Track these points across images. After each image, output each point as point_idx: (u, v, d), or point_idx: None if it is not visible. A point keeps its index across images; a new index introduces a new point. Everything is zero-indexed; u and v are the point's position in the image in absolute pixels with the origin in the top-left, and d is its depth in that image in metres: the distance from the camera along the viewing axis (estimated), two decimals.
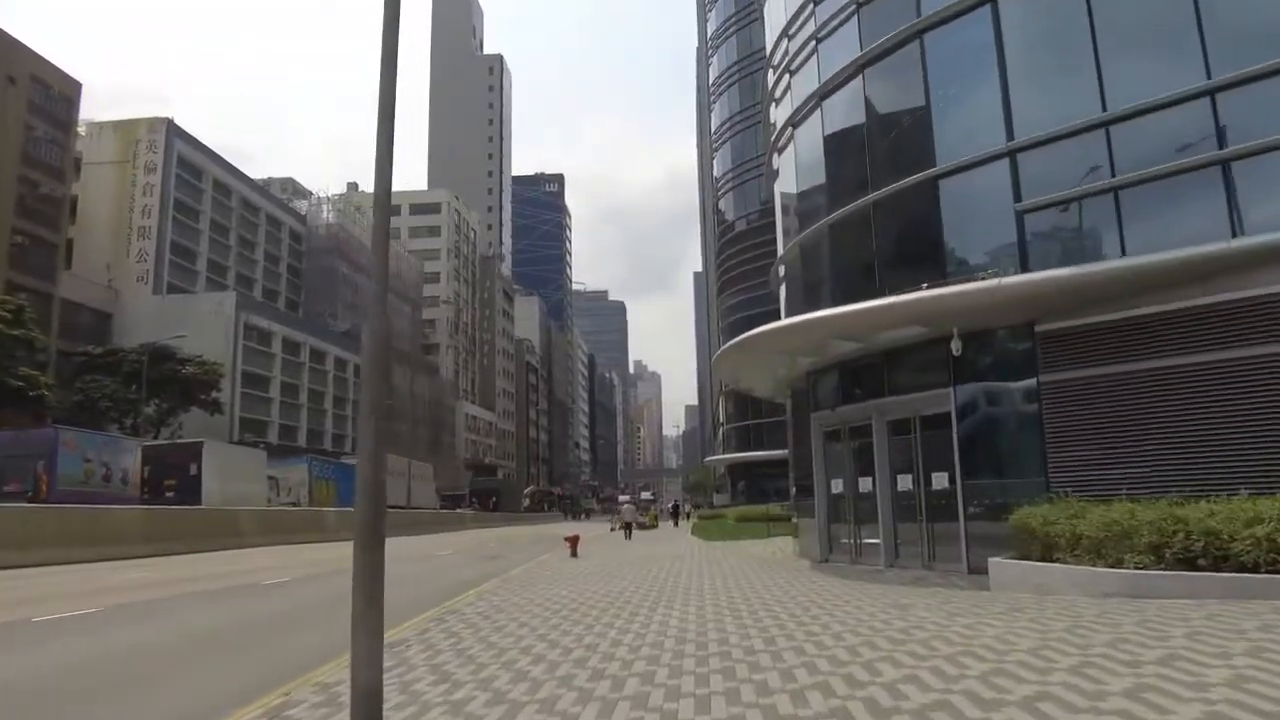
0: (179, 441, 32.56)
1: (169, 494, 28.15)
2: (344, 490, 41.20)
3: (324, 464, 41.29)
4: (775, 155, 20.31)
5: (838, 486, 16.41)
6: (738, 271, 65.12)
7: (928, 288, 13.26)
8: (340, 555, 23.95)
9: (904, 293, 13.04)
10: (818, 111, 17.29)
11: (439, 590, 13.69)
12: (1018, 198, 13.18)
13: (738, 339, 15.48)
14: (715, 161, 72.15)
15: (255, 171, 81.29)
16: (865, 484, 15.59)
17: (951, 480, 13.59)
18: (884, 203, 15.29)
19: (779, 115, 19.91)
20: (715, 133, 70.55)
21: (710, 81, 73.38)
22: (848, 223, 16.17)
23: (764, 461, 62.07)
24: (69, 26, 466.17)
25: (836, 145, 16.84)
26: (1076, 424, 12.10)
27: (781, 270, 20.06)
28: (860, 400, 15.61)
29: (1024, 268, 12.82)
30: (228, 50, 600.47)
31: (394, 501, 48.11)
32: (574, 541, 20.88)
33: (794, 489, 20.37)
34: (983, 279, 12.61)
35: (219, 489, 28.77)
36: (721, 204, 71.32)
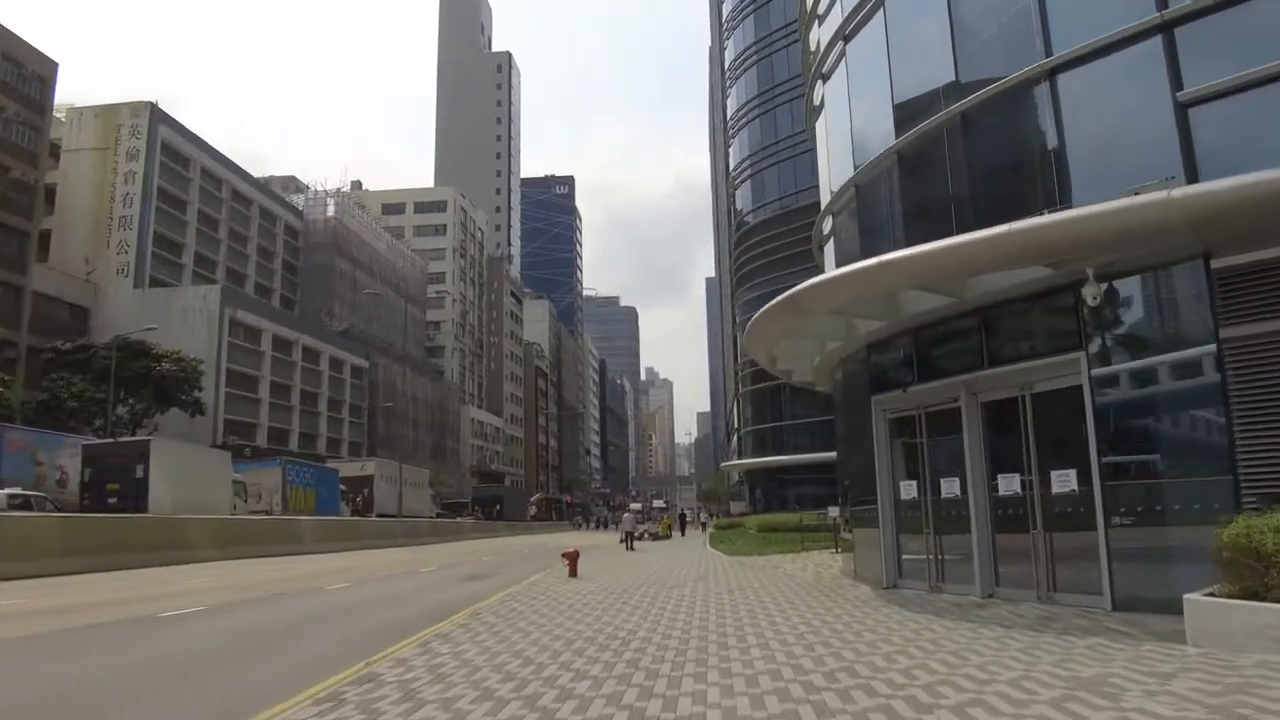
0: (122, 440, 29.07)
1: (111, 500, 24.62)
2: (324, 497, 37.61)
3: (301, 467, 37.64)
4: (819, 83, 16.63)
5: (909, 490, 12.66)
6: (755, 265, 61.41)
7: (1048, 214, 9.60)
8: (293, 574, 20.43)
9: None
10: (879, 13, 13.60)
11: (384, 627, 10.04)
12: (1178, 86, 9.46)
13: (785, 295, 11.79)
14: (731, 150, 68.52)
15: (265, 173, 77.92)
16: (949, 486, 11.83)
17: (1084, 480, 9.83)
18: (976, 114, 11.59)
19: (822, 35, 16.23)
20: (731, 119, 66.96)
21: (726, 66, 69.83)
22: (923, 147, 12.48)
23: (785, 466, 58.25)
24: (76, 31, 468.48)
25: (906, 50, 13.15)
26: None
27: (827, 225, 16.35)
28: (943, 375, 11.87)
29: (1191, 178, 9.11)
30: (235, 59, 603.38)
31: (385, 510, 44.58)
32: (573, 559, 17.19)
33: (844, 494, 16.58)
34: (1136, 192, 8.88)
35: (169, 495, 25.19)
36: (737, 195, 67.61)
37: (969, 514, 11.31)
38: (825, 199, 16.49)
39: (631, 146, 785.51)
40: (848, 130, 14.63)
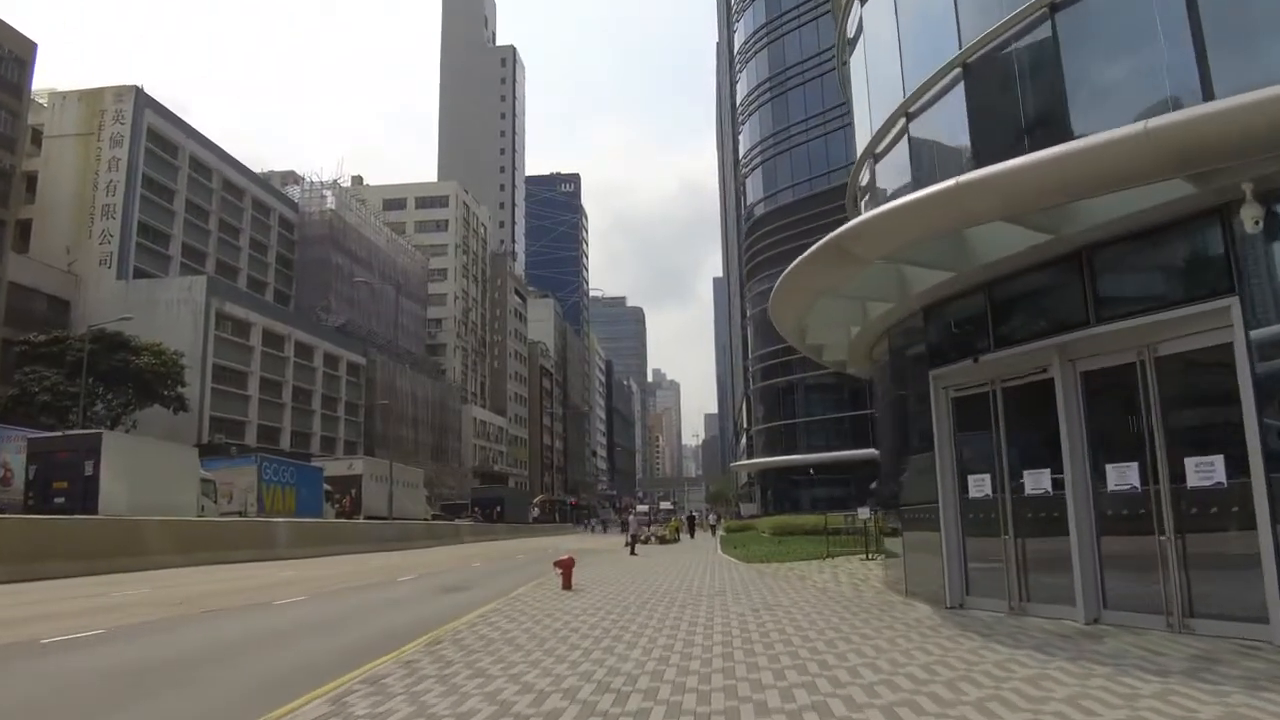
0: (71, 433, 26.66)
1: (59, 500, 22.23)
2: (306, 497, 35.07)
3: (280, 465, 35.03)
4: (854, 8, 14.13)
5: (980, 486, 10.13)
6: (767, 256, 58.91)
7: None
8: (249, 584, 17.88)
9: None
10: None
11: (303, 666, 7.63)
12: None
13: (828, 238, 9.31)
14: (741, 138, 66.02)
15: (264, 168, 75.21)
16: (1036, 480, 9.33)
17: (1236, 469, 7.34)
18: (1071, 2, 9.07)
19: None
20: (740, 104, 64.45)
21: (735, 51, 67.37)
22: (997, 54, 9.97)
23: (799, 466, 55.74)
24: (76, 31, 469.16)
25: None
26: None
27: (866, 173, 13.83)
28: (1029, 339, 9.36)
29: None
30: (235, 59, 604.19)
31: (374, 512, 42.15)
32: (567, 568, 14.73)
33: (889, 492, 14.03)
34: None
35: (125, 494, 22.76)
36: (748, 185, 65.08)
37: (1065, 515, 8.82)
38: (862, 144, 13.98)
39: (635, 149, 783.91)
40: (895, 52, 12.12)
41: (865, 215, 9.01)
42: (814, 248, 9.72)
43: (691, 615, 10.40)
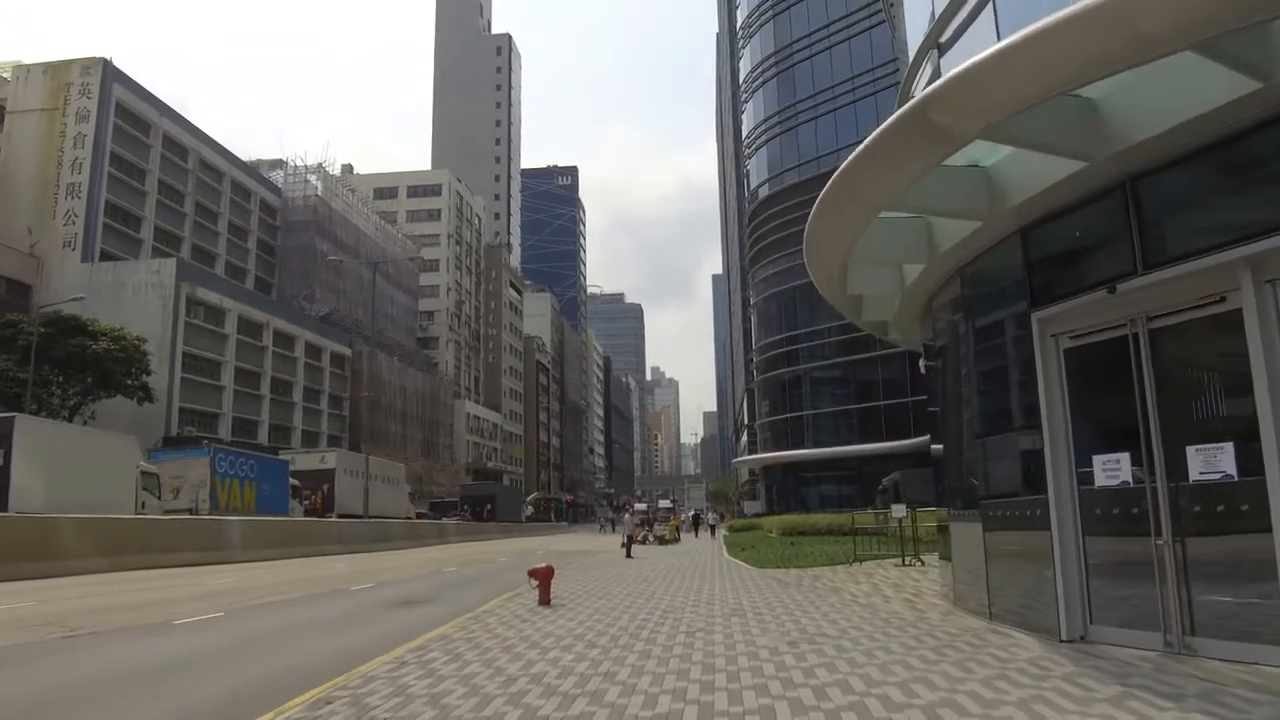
0: None
1: None
2: (269, 493, 32.02)
3: (238, 457, 31.77)
4: None
5: (1113, 471, 7.20)
6: (773, 240, 55.98)
7: None
8: (163, 595, 14.69)
9: None
10: None
11: None
12: None
13: (908, 107, 6.41)
14: (744, 117, 63.03)
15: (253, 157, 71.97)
16: (1211, 459, 6.42)
17: None
18: None
19: None
20: (744, 82, 61.47)
21: (737, 26, 64.46)
22: None
23: (805, 462, 52.85)
24: (73, 32, 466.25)
25: None
26: None
27: (924, 80, 10.86)
28: (1197, 253, 6.40)
29: None
30: (230, 58, 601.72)
31: (348, 509, 39.14)
32: (545, 579, 11.80)
33: (948, 481, 11.06)
34: None
35: (42, 488, 19.87)
36: (751, 166, 62.07)
37: (1264, 508, 5.91)
38: (915, 43, 11.05)
39: (635, 149, 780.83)
40: None
41: (964, 65, 6.05)
42: (883, 127, 6.77)
43: (704, 651, 7.47)
